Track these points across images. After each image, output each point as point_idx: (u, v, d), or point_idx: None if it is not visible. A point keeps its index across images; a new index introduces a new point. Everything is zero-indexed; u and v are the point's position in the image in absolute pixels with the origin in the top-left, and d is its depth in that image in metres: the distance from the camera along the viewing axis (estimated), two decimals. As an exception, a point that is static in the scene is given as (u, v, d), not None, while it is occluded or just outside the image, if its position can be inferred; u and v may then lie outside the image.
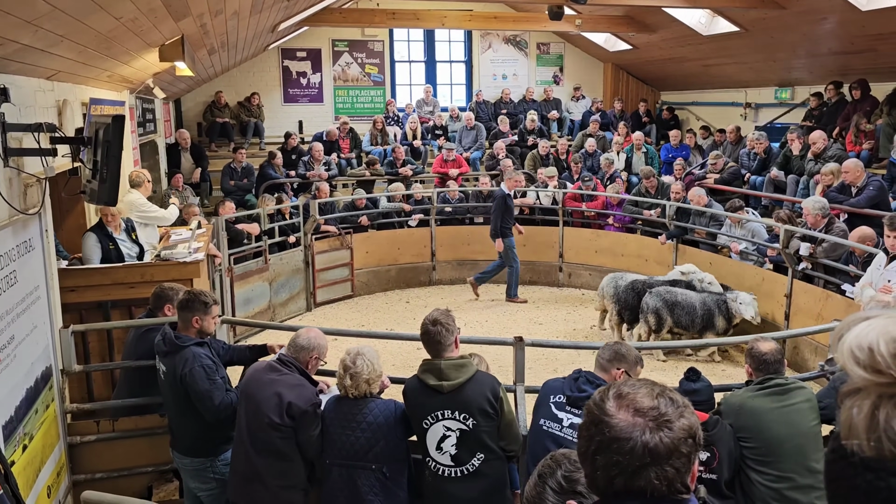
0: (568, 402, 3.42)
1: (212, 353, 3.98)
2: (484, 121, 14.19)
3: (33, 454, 3.93)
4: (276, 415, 3.52)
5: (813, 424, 3.55)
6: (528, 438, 3.57)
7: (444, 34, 15.48)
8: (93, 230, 5.83)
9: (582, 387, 3.40)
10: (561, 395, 3.47)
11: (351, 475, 3.49)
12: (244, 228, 9.07)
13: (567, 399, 3.42)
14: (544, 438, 3.38)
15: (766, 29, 9.93)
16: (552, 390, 3.53)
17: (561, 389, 3.49)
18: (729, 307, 7.47)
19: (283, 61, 14.52)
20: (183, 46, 6.03)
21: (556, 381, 3.61)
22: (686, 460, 1.38)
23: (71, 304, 5.14)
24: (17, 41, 3.34)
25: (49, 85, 4.65)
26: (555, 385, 3.56)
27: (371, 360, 3.55)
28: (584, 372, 3.50)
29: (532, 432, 3.53)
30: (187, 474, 4.11)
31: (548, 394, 3.54)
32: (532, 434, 3.52)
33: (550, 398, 3.49)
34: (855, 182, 7.94)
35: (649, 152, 12.32)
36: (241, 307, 8.71)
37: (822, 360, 4.59)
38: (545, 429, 3.43)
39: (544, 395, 3.55)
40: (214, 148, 13.30)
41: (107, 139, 3.82)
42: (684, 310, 7.58)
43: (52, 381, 4.38)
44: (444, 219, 11.16)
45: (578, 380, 3.45)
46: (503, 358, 6.67)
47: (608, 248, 10.55)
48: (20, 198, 3.96)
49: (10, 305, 3.73)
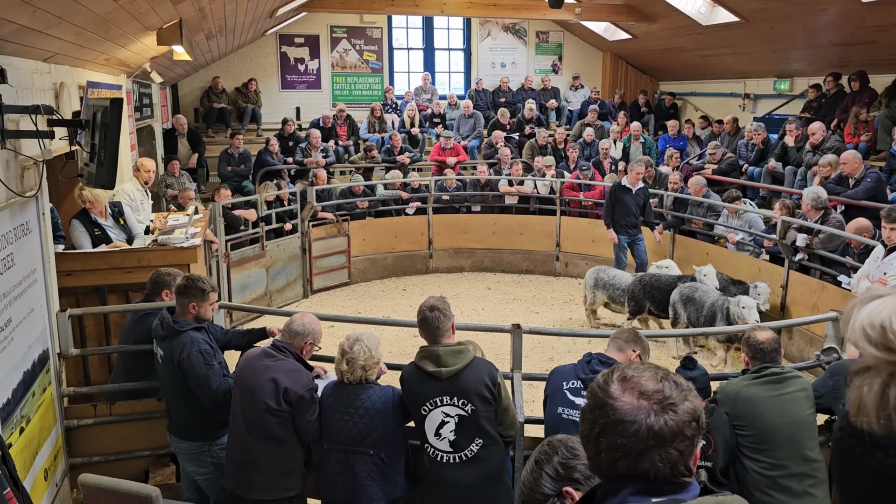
0: (584, 386, 3.42)
1: (209, 338, 3.98)
2: (482, 109, 14.15)
3: (30, 437, 3.93)
4: (272, 400, 3.52)
5: (808, 413, 3.57)
6: (547, 428, 3.57)
7: (442, 21, 15.41)
8: (77, 217, 5.79)
9: (595, 368, 3.43)
10: (574, 380, 3.48)
11: (349, 460, 3.50)
12: (241, 214, 9.05)
13: (583, 383, 3.43)
14: (566, 426, 3.38)
15: (766, 19, 9.91)
16: (564, 377, 3.54)
17: (574, 374, 3.50)
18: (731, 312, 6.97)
19: (280, 47, 14.43)
20: (181, 30, 5.99)
21: (566, 367, 3.62)
22: (689, 443, 1.38)
23: (68, 287, 5.14)
24: (14, 21, 3.31)
25: (46, 67, 4.61)
26: (565, 371, 3.57)
27: (370, 346, 3.55)
28: (596, 354, 3.53)
29: (551, 421, 3.52)
30: (184, 458, 4.12)
31: (560, 381, 3.54)
32: (551, 423, 3.52)
33: (564, 385, 3.50)
34: (853, 174, 7.95)
35: (647, 142, 12.31)
36: (238, 293, 8.70)
37: (818, 350, 4.61)
38: (565, 416, 3.44)
39: (556, 382, 3.56)
40: (211, 134, 13.24)
41: (104, 122, 3.80)
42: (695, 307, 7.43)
43: (49, 365, 4.38)
44: (442, 207, 11.15)
45: (591, 362, 3.47)
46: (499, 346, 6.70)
47: (605, 238, 10.49)
48: (17, 180, 3.94)
49: (7, 288, 3.72)
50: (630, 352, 3.50)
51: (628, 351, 3.50)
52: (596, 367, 3.44)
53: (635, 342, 3.54)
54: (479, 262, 11.13)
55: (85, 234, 5.69)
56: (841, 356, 4.30)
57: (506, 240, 11.04)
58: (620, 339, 3.58)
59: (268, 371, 3.58)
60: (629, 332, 3.61)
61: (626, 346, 3.53)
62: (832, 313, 4.51)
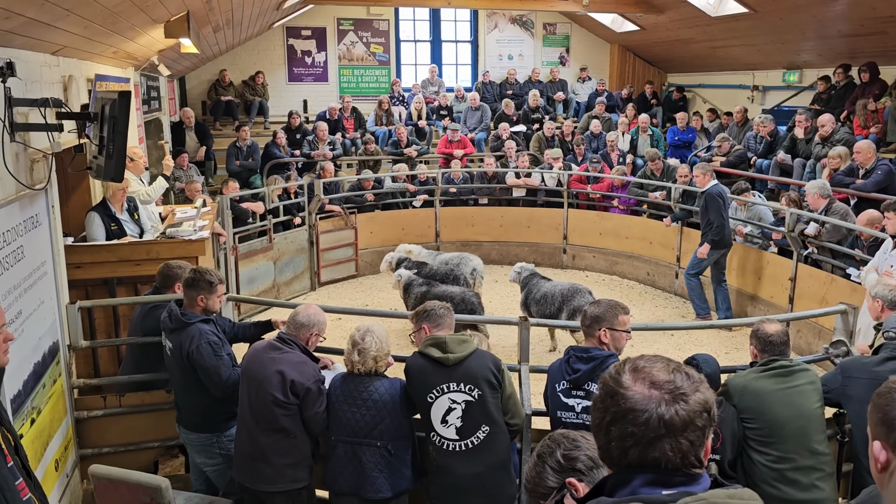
0: (572, 385, 3.44)
1: (217, 330, 4.00)
2: (489, 101, 14.12)
3: (41, 428, 3.96)
4: (279, 392, 3.54)
5: (816, 407, 3.56)
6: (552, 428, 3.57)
7: (449, 13, 15.37)
8: (96, 209, 5.79)
9: (574, 366, 3.42)
10: (563, 381, 3.49)
11: (356, 452, 3.52)
12: (249, 207, 9.07)
13: (570, 383, 3.44)
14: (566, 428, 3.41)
15: (775, 10, 9.83)
16: (555, 378, 3.56)
17: (562, 375, 3.50)
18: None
19: (287, 40, 14.42)
20: (188, 23, 6.00)
21: (556, 364, 3.63)
22: (700, 434, 1.39)
23: (77, 280, 5.16)
24: (22, 14, 3.32)
25: (55, 60, 4.63)
26: (556, 372, 3.58)
27: (380, 337, 3.59)
28: (572, 349, 3.51)
29: (554, 424, 3.56)
30: (193, 449, 4.15)
31: (553, 382, 3.56)
32: (554, 426, 3.55)
33: (557, 387, 3.52)
34: (865, 164, 7.89)
35: (655, 135, 12.26)
36: (246, 286, 8.74)
37: (827, 342, 4.59)
38: (564, 420, 3.47)
39: (551, 384, 3.57)
40: (219, 126, 13.26)
41: (113, 115, 3.81)
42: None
43: (59, 357, 4.41)
44: (449, 199, 11.15)
45: (570, 360, 3.46)
46: (506, 339, 6.71)
47: (613, 231, 10.54)
48: (27, 173, 3.96)
49: (17, 280, 3.74)
50: (597, 332, 3.43)
51: (596, 333, 3.44)
52: (574, 364, 3.42)
53: (597, 322, 3.44)
54: (486, 255, 11.09)
55: (101, 228, 5.68)
56: (850, 349, 4.29)
57: (513, 232, 11.04)
58: (584, 326, 3.52)
59: (274, 363, 3.59)
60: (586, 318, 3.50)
61: (591, 330, 3.46)
62: (841, 306, 4.48)
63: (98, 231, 5.68)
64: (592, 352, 3.41)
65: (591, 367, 3.35)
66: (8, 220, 3.64)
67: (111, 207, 5.83)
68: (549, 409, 3.61)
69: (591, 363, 3.37)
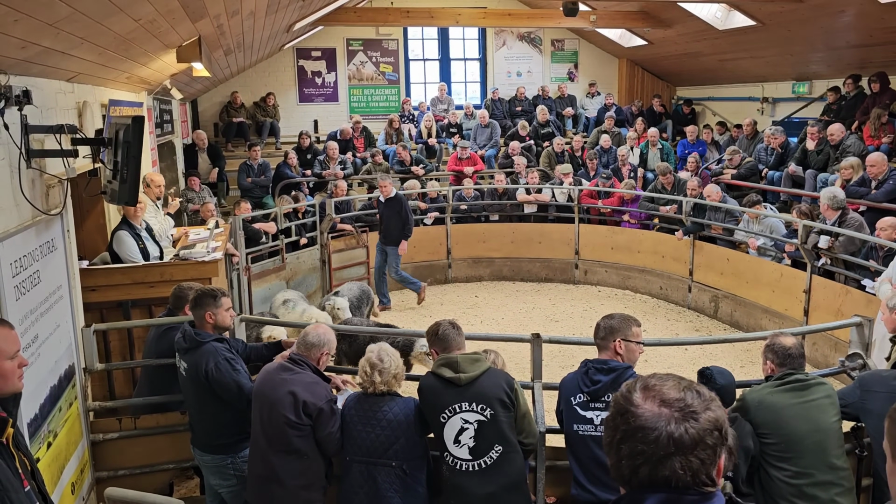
0: (591, 398, 3.43)
1: (230, 348, 4.02)
2: (499, 118, 14.17)
3: (57, 451, 3.98)
4: (292, 413, 3.53)
5: (833, 420, 3.52)
6: (568, 443, 3.60)
7: (458, 32, 15.48)
8: (122, 228, 5.72)
9: (594, 378, 3.43)
10: (580, 394, 3.48)
11: (371, 472, 3.51)
12: (261, 227, 9.13)
13: (589, 396, 3.44)
14: (586, 443, 3.43)
15: (783, 22, 9.84)
16: (570, 391, 3.55)
17: (578, 388, 3.50)
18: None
19: (298, 61, 14.58)
20: (200, 47, 6.08)
21: (570, 377, 3.62)
22: (711, 452, 1.38)
23: (92, 303, 5.19)
24: (38, 44, 3.38)
25: (69, 87, 4.70)
26: (570, 385, 3.57)
27: (392, 354, 3.62)
28: (590, 362, 3.52)
29: (569, 438, 3.56)
30: (208, 471, 4.15)
31: (567, 395, 3.55)
32: (570, 440, 3.56)
33: (572, 401, 3.50)
34: (878, 175, 7.85)
35: (665, 148, 12.25)
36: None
37: (842, 356, 4.54)
38: (581, 434, 3.46)
39: (565, 398, 3.56)
40: (231, 148, 13.39)
41: (126, 140, 3.86)
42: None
43: (74, 380, 4.44)
44: (460, 217, 11.17)
45: (589, 372, 3.47)
46: (519, 355, 6.68)
47: (624, 245, 10.51)
48: (42, 198, 4.01)
49: (34, 305, 3.78)
50: (612, 344, 3.48)
51: (610, 344, 3.49)
52: (594, 375, 3.43)
53: (611, 333, 3.49)
54: (498, 271, 11.13)
55: (134, 246, 5.68)
56: (866, 362, 4.24)
57: (524, 248, 11.04)
58: (598, 338, 3.56)
59: (286, 384, 3.60)
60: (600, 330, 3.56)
61: (605, 342, 3.51)
62: (856, 318, 4.43)
63: (133, 249, 5.65)
64: (611, 363, 3.43)
65: (612, 379, 3.37)
66: (24, 245, 3.69)
67: (135, 226, 5.87)
68: (564, 424, 3.59)
69: (610, 374, 3.38)
